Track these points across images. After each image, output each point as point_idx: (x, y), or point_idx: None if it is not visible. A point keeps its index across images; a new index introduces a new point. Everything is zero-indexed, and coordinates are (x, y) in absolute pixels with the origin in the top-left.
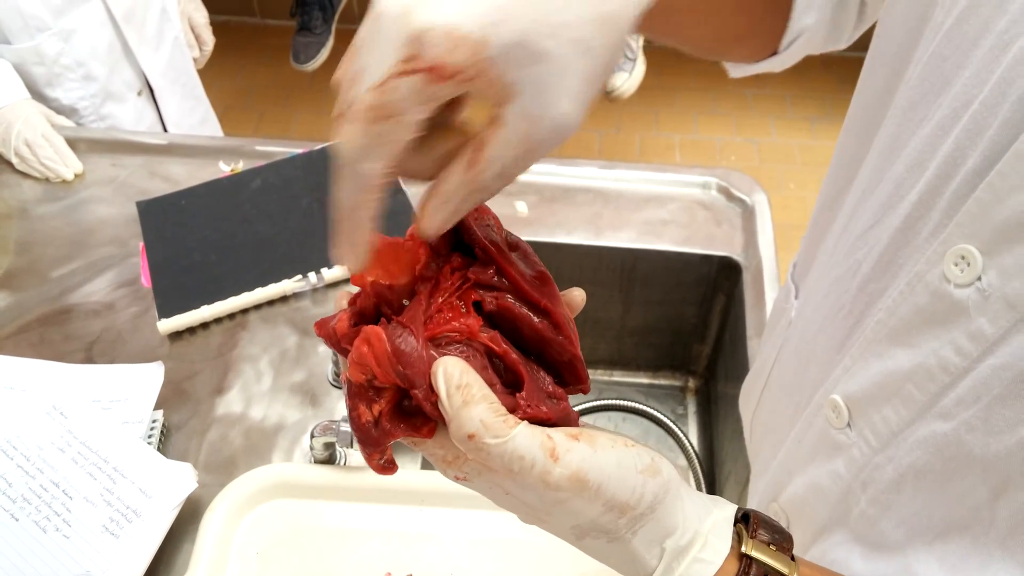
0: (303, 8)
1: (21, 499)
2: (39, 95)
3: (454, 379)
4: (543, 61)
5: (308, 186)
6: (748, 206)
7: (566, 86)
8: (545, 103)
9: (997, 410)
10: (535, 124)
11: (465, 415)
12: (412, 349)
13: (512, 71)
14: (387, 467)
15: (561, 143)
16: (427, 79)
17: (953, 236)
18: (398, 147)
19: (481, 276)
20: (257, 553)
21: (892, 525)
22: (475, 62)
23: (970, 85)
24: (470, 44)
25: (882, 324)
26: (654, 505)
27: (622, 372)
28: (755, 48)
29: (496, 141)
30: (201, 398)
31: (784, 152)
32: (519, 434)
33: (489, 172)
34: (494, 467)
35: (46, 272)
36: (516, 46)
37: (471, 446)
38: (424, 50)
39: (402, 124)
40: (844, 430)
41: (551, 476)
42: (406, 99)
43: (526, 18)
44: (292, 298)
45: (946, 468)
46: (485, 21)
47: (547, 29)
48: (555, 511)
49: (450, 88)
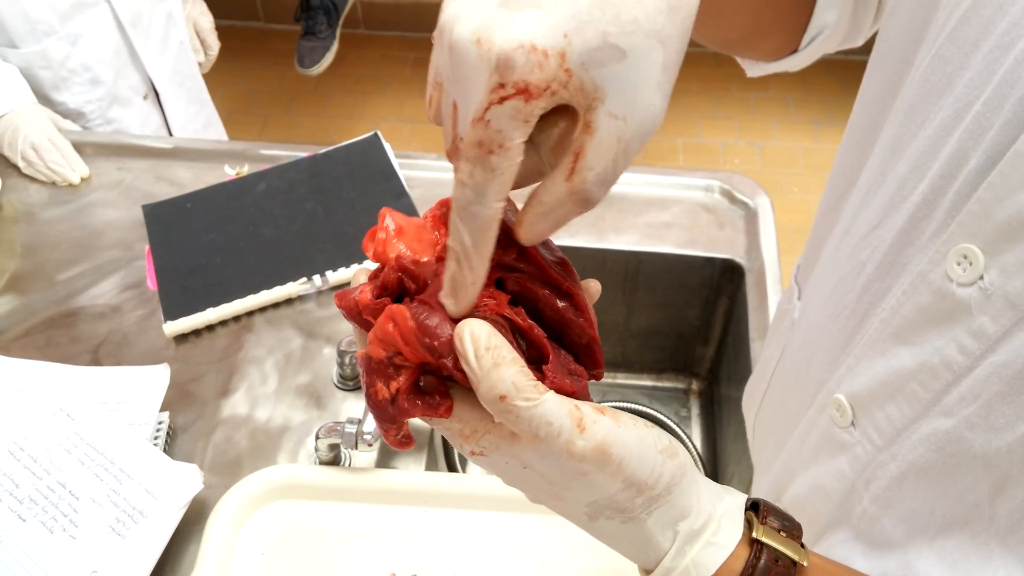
0: (307, 13)
1: (28, 500)
2: (46, 99)
3: (482, 341)
4: (624, 59)
5: (313, 189)
6: (751, 209)
7: (649, 79)
8: (633, 100)
9: (998, 407)
10: (626, 122)
11: (496, 376)
12: (437, 323)
13: (597, 74)
14: (404, 442)
15: (649, 137)
16: (521, 101)
17: (955, 235)
18: (511, 175)
19: (504, 257)
20: (262, 554)
21: (893, 523)
22: (562, 72)
23: (972, 86)
24: (554, 57)
25: (886, 323)
26: (671, 487)
27: (626, 375)
28: (778, 43)
29: (592, 146)
30: (207, 400)
31: (787, 155)
32: (549, 399)
33: (590, 178)
34: (521, 432)
35: (53, 275)
36: (597, 50)
37: (501, 407)
38: (512, 74)
39: (510, 152)
40: (848, 429)
41: (576, 446)
42: (507, 126)
43: (601, 20)
44: (297, 301)
45: (947, 465)
46: (562, 31)
47: (622, 27)
48: (574, 485)
49: (544, 103)
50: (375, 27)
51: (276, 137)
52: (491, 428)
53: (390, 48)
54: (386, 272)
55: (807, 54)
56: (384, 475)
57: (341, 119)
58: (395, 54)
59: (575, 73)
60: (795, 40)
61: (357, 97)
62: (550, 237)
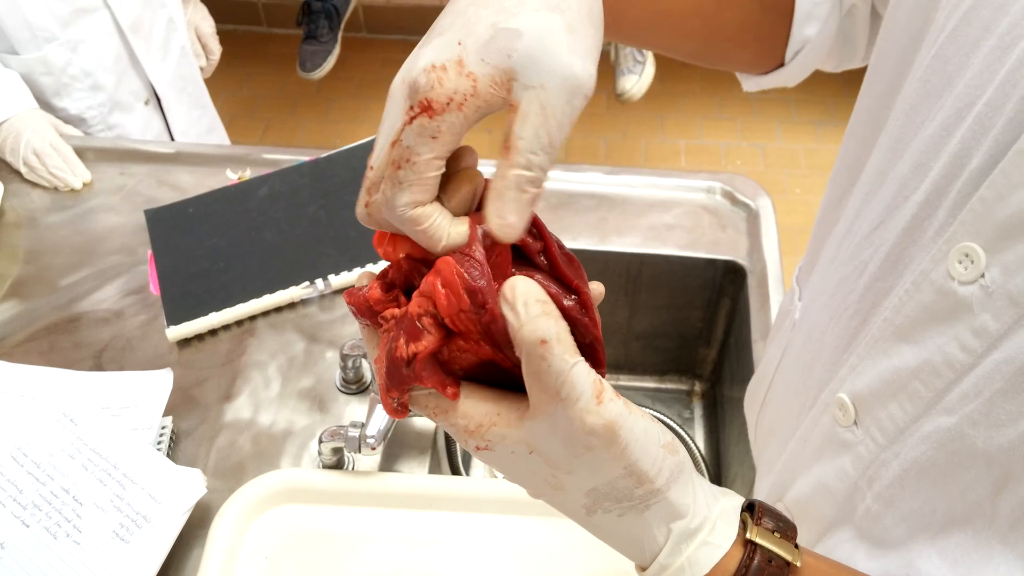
0: (309, 17)
1: (32, 506)
2: (47, 105)
3: (532, 294)
4: (521, 37)
5: (315, 193)
6: (752, 210)
7: (555, 45)
8: (546, 69)
9: (999, 404)
10: (545, 89)
11: (543, 321)
12: (480, 272)
13: (503, 62)
14: (399, 410)
15: (583, 93)
16: (426, 117)
17: (957, 234)
18: (420, 188)
19: (530, 245)
20: (266, 558)
21: (896, 521)
22: (465, 79)
23: (973, 86)
24: (452, 68)
25: (888, 322)
26: (669, 483)
27: (628, 376)
28: (757, 55)
29: (517, 119)
30: (210, 404)
31: (789, 156)
32: (581, 363)
33: (521, 147)
34: (544, 386)
35: (55, 280)
36: (491, 40)
37: (538, 351)
38: (418, 95)
39: (416, 166)
40: (851, 428)
41: (589, 417)
42: (415, 142)
43: (487, 15)
44: (300, 304)
45: (949, 463)
46: (456, 40)
47: (508, 12)
48: (578, 465)
49: (452, 117)
50: (377, 31)
51: (278, 142)
52: (497, 420)
53: (392, 52)
54: (394, 271)
55: (796, 68)
56: (387, 479)
57: (343, 123)
58: (397, 58)
59: (479, 75)
60: (778, 53)
61: (359, 101)
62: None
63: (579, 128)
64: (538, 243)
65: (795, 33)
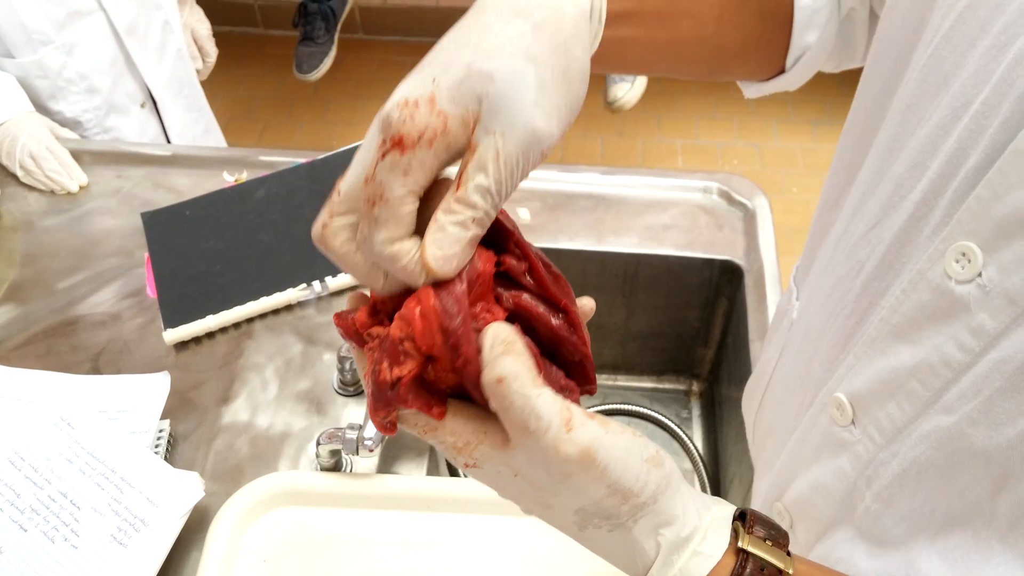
0: (306, 18)
1: (29, 510)
2: (42, 108)
3: (500, 336)
4: (493, 81)
5: (312, 195)
6: (749, 210)
7: (523, 96)
8: (509, 118)
9: (999, 403)
10: (503, 137)
11: (501, 361)
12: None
13: (471, 104)
14: (388, 427)
15: (540, 149)
16: (397, 153)
17: (954, 233)
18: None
19: (514, 268)
20: (264, 561)
21: (895, 521)
22: (435, 116)
23: (969, 85)
24: (424, 104)
25: (885, 322)
26: (656, 495)
27: (626, 377)
28: (759, 66)
29: (472, 160)
30: (207, 407)
31: (786, 156)
32: (545, 394)
33: (470, 187)
34: (512, 423)
35: (52, 284)
36: (464, 80)
37: (499, 390)
38: (390, 130)
39: (390, 203)
40: (848, 428)
41: (561, 445)
42: (387, 178)
43: (464, 54)
44: (297, 307)
45: (948, 462)
46: (431, 76)
47: (485, 54)
48: (561, 489)
49: (422, 153)
50: (374, 32)
51: (275, 143)
52: (484, 439)
53: (389, 53)
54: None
55: (797, 73)
56: (386, 480)
57: (340, 125)
58: (394, 59)
59: (450, 114)
60: (779, 61)
61: (356, 102)
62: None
63: (576, 128)
64: (523, 264)
65: (795, 41)
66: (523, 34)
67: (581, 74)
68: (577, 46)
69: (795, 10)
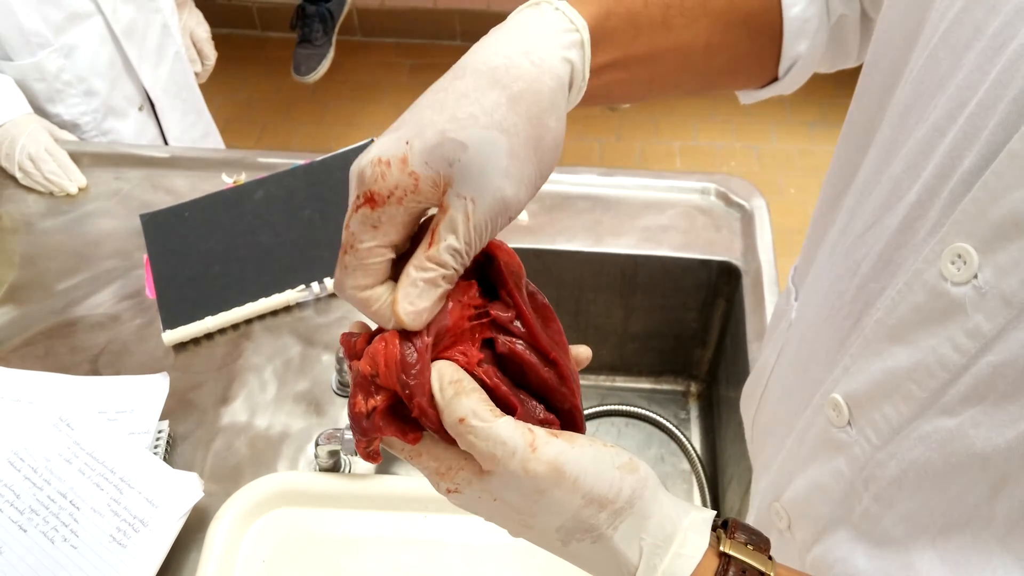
0: (304, 20)
1: (29, 510)
2: (40, 111)
3: (447, 376)
4: (466, 150)
5: (310, 197)
6: (747, 211)
7: (494, 165)
8: (479, 185)
9: (1003, 406)
10: (474, 203)
11: (456, 403)
12: (415, 361)
13: (443, 169)
14: (371, 456)
15: (508, 215)
16: (368, 208)
17: (950, 235)
18: (363, 273)
19: (501, 317)
20: (263, 561)
21: (894, 522)
22: (406, 176)
23: (965, 86)
24: (395, 164)
25: (881, 323)
26: (632, 500)
27: (624, 378)
28: (751, 78)
29: (443, 221)
30: (206, 408)
31: (784, 157)
32: (504, 421)
33: (442, 247)
34: (480, 454)
35: (51, 285)
36: (437, 146)
37: (461, 429)
38: (363, 185)
39: (359, 252)
40: (845, 428)
41: (529, 464)
42: (359, 230)
43: (439, 121)
44: (296, 308)
45: (947, 464)
46: (405, 139)
47: (459, 123)
48: (539, 508)
49: (392, 210)
50: (372, 34)
51: (273, 145)
52: (464, 464)
53: (387, 55)
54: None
55: (790, 80)
56: (384, 481)
57: (338, 126)
58: (392, 61)
59: (421, 175)
60: (771, 70)
61: (354, 104)
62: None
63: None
64: (510, 313)
65: (786, 51)
66: (499, 106)
67: (554, 144)
68: (551, 118)
69: (784, 22)
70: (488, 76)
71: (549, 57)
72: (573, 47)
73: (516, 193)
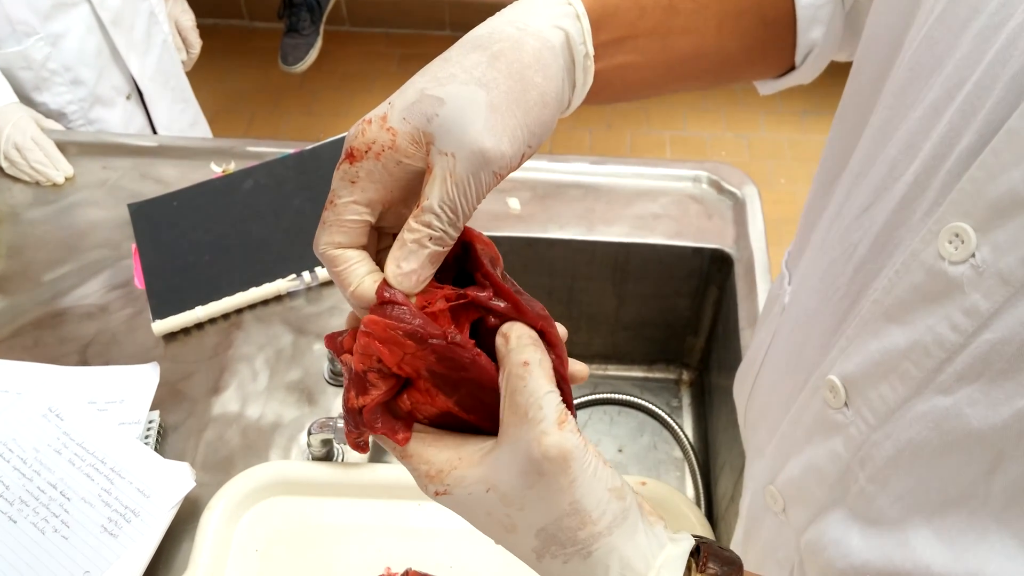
0: (291, 10)
1: (19, 501)
2: (27, 100)
3: (528, 333)
4: (443, 105)
5: (300, 186)
6: (739, 199)
7: (473, 119)
8: (459, 139)
9: (999, 383)
10: (455, 158)
11: (531, 349)
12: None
13: (422, 125)
14: (360, 446)
15: (491, 170)
16: (347, 163)
17: (947, 214)
18: (338, 229)
19: (479, 297)
20: (256, 550)
21: (890, 502)
22: (384, 132)
23: (962, 66)
24: (375, 121)
25: (878, 303)
26: (611, 527)
27: (617, 366)
28: (767, 68)
29: (429, 180)
30: (197, 398)
31: (774, 147)
32: (555, 393)
33: (426, 206)
34: (516, 405)
35: (39, 276)
36: (415, 103)
37: (518, 371)
38: (346, 144)
39: (336, 207)
40: (841, 409)
41: (546, 438)
42: (338, 185)
43: (420, 81)
44: (286, 297)
45: (943, 443)
46: (389, 101)
47: (439, 81)
48: (531, 497)
49: (372, 163)
50: (360, 24)
51: (262, 136)
52: (458, 464)
53: (375, 45)
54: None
55: (808, 69)
56: (377, 470)
57: (327, 117)
58: (380, 51)
59: (399, 130)
60: (788, 59)
61: (343, 94)
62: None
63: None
64: (487, 291)
65: (801, 39)
66: (478, 64)
67: (540, 98)
68: (537, 74)
69: (796, 8)
70: (471, 43)
71: (535, 23)
72: (566, 17)
73: (497, 145)
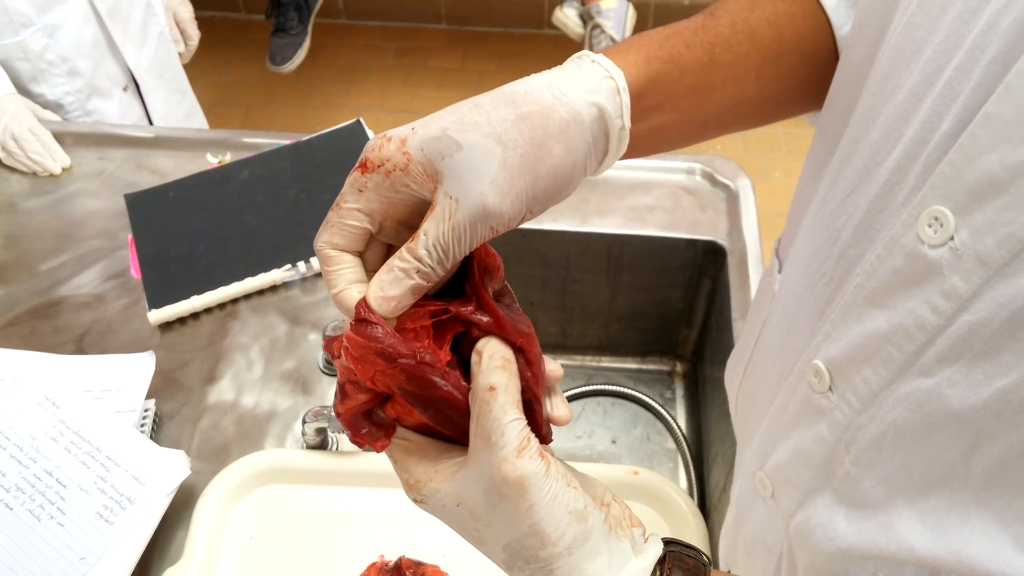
0: (278, 9)
1: (15, 489)
2: (24, 91)
3: (500, 351)
4: (460, 150)
5: (296, 176)
6: (732, 191)
7: (483, 171)
8: (465, 187)
9: (978, 364)
10: (457, 204)
11: (498, 372)
12: (381, 333)
13: (436, 161)
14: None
15: (488, 224)
16: (359, 172)
17: (927, 198)
18: (338, 231)
19: (462, 312)
20: (251, 538)
21: (873, 484)
22: (400, 154)
23: (941, 51)
24: (395, 141)
25: (860, 288)
26: (571, 548)
27: (610, 358)
28: (812, 103)
29: (430, 217)
30: (193, 387)
31: (769, 140)
32: (520, 420)
33: (422, 241)
34: (480, 430)
35: (35, 265)
36: (435, 139)
37: (484, 396)
38: (363, 154)
39: (341, 211)
40: (826, 394)
41: (505, 465)
42: (347, 190)
43: (446, 119)
44: (282, 287)
45: (925, 424)
46: (412, 127)
47: (463, 126)
48: (495, 516)
49: (380, 178)
50: (356, 17)
51: (258, 128)
52: (433, 477)
53: (371, 38)
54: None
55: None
56: (372, 458)
57: (323, 109)
58: (377, 44)
59: (414, 157)
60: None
61: (339, 87)
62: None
63: None
64: (470, 305)
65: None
66: (504, 120)
67: (553, 169)
68: (558, 145)
69: (837, 41)
70: (507, 95)
71: (571, 95)
72: (604, 93)
73: (499, 203)
